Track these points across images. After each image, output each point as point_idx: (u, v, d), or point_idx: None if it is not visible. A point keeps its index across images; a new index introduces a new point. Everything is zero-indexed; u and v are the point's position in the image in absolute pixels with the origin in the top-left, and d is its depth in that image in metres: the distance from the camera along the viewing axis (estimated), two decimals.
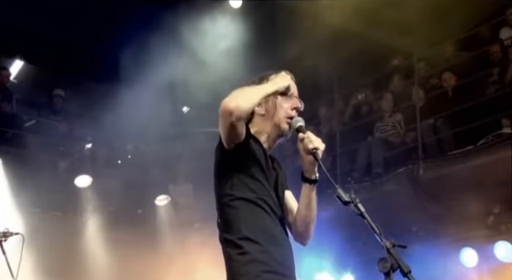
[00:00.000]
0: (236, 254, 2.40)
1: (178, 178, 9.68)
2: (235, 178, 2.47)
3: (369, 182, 7.61)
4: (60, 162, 9.14)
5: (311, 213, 2.56)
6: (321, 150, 2.45)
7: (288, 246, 2.51)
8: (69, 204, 8.40)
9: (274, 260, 2.39)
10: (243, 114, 2.35)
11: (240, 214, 2.44)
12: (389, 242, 2.15)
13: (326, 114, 9.15)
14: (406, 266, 2.10)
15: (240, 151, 2.44)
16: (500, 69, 7.11)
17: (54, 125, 9.33)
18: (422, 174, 6.92)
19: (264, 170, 2.50)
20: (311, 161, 2.48)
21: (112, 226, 8.27)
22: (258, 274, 2.34)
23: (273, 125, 2.56)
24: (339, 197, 2.28)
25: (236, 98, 2.35)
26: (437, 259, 6.80)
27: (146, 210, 8.94)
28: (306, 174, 2.53)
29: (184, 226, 8.80)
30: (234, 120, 2.32)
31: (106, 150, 9.47)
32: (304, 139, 2.47)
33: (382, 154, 7.68)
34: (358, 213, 2.25)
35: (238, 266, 2.38)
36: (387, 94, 8.25)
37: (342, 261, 7.84)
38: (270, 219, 2.46)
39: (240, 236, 2.41)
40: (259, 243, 2.39)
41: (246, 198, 2.44)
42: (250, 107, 2.39)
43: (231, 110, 2.31)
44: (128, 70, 7.79)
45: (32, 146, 8.83)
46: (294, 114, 2.56)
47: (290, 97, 2.58)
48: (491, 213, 6.74)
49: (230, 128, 2.36)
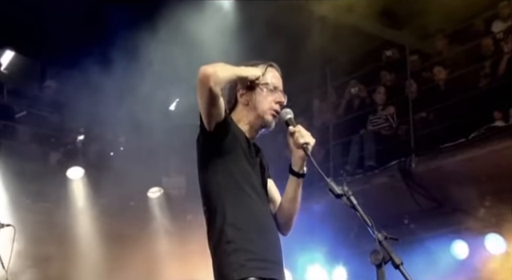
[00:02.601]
0: (221, 244, 2.39)
1: (170, 170, 9.67)
2: (219, 165, 2.46)
3: (361, 174, 7.63)
4: (52, 153, 9.11)
5: (296, 205, 2.56)
6: (311, 145, 2.45)
7: (274, 231, 2.51)
8: (60, 196, 8.36)
9: (260, 247, 2.39)
10: (220, 81, 2.34)
11: (225, 201, 2.43)
12: (381, 235, 2.16)
13: (319, 106, 9.15)
14: (397, 258, 2.11)
15: (222, 134, 2.44)
16: (492, 62, 7.13)
17: (45, 116, 9.28)
18: (414, 167, 6.94)
19: (247, 156, 2.49)
20: (301, 155, 2.47)
21: (104, 218, 8.26)
22: (242, 264, 2.34)
23: (256, 115, 2.56)
24: (331, 190, 2.28)
25: (214, 65, 2.37)
26: (428, 251, 6.84)
27: (139, 202, 8.93)
28: (294, 167, 2.52)
29: (176, 218, 8.80)
30: (212, 85, 2.32)
31: (99, 141, 9.44)
32: (295, 133, 2.46)
33: (374, 146, 7.70)
34: (351, 205, 2.26)
35: (223, 256, 2.38)
36: (380, 87, 8.25)
37: (334, 253, 7.87)
38: (256, 205, 2.46)
39: (225, 224, 2.40)
40: (244, 230, 2.39)
41: (231, 184, 2.44)
42: (225, 76, 2.38)
43: (209, 73, 2.32)
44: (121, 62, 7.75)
45: (23, 137, 8.79)
46: (277, 107, 2.55)
47: (275, 90, 2.58)
48: (482, 205, 6.78)
49: (209, 96, 2.34)
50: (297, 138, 2.45)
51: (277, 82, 2.60)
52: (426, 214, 7.14)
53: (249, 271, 2.33)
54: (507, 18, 7.29)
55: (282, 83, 2.63)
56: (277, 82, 2.60)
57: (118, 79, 7.80)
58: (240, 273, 2.33)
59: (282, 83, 2.63)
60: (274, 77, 2.61)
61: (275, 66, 2.65)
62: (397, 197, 7.14)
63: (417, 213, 7.22)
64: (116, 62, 7.78)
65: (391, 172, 7.23)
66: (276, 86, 2.59)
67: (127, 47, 7.63)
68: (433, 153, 6.93)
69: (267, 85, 2.57)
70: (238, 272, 2.33)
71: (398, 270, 2.10)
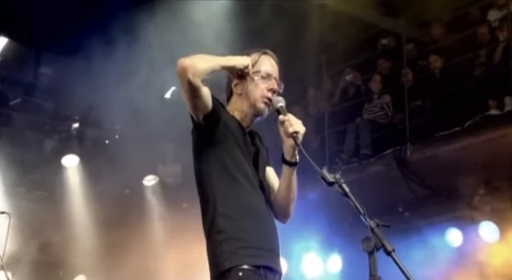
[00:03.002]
0: (213, 233, 2.41)
1: (166, 158, 9.67)
2: (211, 155, 2.47)
3: (357, 163, 7.65)
4: (46, 141, 9.09)
5: (291, 194, 2.56)
6: (301, 134, 2.45)
7: (269, 219, 2.51)
8: (55, 183, 8.35)
9: (252, 235, 2.40)
10: (199, 72, 2.33)
11: (216, 191, 2.44)
12: (373, 222, 2.17)
13: (315, 95, 9.14)
14: (389, 245, 2.13)
15: (212, 125, 2.44)
16: (487, 51, 7.13)
17: (40, 104, 9.24)
18: (409, 156, 6.96)
19: (240, 145, 2.49)
20: (291, 144, 2.47)
21: (99, 206, 8.26)
22: (234, 252, 2.35)
23: (249, 104, 2.56)
24: (323, 178, 2.29)
25: (193, 57, 2.36)
26: (423, 239, 6.88)
27: (134, 190, 8.93)
28: (286, 156, 2.52)
29: (172, 206, 8.81)
30: (191, 77, 2.31)
31: (94, 129, 9.41)
32: (284, 122, 2.46)
33: (370, 135, 7.70)
34: (343, 193, 2.26)
35: (215, 246, 2.39)
36: (376, 76, 8.25)
37: (328, 241, 7.91)
38: (249, 193, 2.46)
39: (217, 214, 2.42)
40: (236, 219, 2.40)
41: (224, 173, 2.45)
42: (205, 67, 2.36)
43: (186, 65, 2.32)
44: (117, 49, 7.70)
45: (18, 124, 8.76)
46: (270, 95, 2.54)
47: (269, 78, 2.57)
48: (476, 194, 6.81)
49: (190, 89, 2.34)
50: (286, 127, 2.44)
51: (270, 70, 2.58)
52: (421, 202, 7.17)
53: (241, 259, 2.34)
54: (503, 7, 7.28)
55: (277, 71, 2.62)
56: (270, 69, 2.59)
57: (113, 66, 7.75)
58: (232, 261, 2.34)
59: (277, 71, 2.62)
60: (268, 64, 2.59)
61: (270, 54, 2.64)
62: (392, 185, 7.16)
63: (412, 201, 7.25)
64: (112, 49, 7.73)
65: (386, 160, 7.24)
66: (269, 74, 2.57)
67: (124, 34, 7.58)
68: (428, 141, 6.94)
69: (259, 72, 2.56)
70: (230, 260, 2.34)
71: (390, 256, 2.12)
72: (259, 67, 2.57)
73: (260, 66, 2.58)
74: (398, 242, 2.18)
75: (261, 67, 2.57)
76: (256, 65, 2.57)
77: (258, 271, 2.36)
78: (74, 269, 8.53)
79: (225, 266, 2.34)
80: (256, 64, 2.57)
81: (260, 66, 2.58)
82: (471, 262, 6.66)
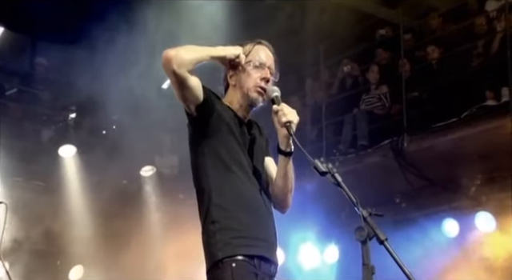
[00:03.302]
0: (207, 224, 2.42)
1: (163, 149, 9.66)
2: (206, 147, 2.47)
3: (354, 153, 7.65)
4: (43, 131, 9.06)
5: (288, 183, 2.56)
6: (294, 124, 2.44)
7: (265, 210, 2.51)
8: (52, 174, 8.34)
9: (246, 225, 2.40)
10: (184, 62, 2.33)
11: (211, 181, 2.45)
12: (365, 211, 2.18)
13: (312, 85, 9.13)
14: (382, 234, 2.13)
15: (205, 116, 2.44)
16: (485, 41, 7.12)
17: (36, 94, 9.21)
18: (406, 146, 6.96)
19: (235, 135, 2.49)
20: (285, 134, 2.46)
21: (96, 196, 8.26)
22: (227, 242, 2.36)
23: (242, 94, 2.56)
24: (316, 168, 2.29)
25: (178, 48, 2.36)
26: (419, 229, 6.90)
27: (131, 181, 8.93)
28: (280, 146, 2.52)
29: (169, 197, 8.81)
30: (176, 67, 2.31)
31: (91, 120, 9.39)
32: (278, 112, 2.45)
33: (367, 126, 7.70)
34: (335, 183, 2.27)
35: (209, 236, 2.41)
36: (373, 66, 8.23)
37: (325, 232, 7.93)
38: (244, 183, 2.46)
39: (211, 204, 2.43)
40: (230, 210, 2.41)
41: (218, 164, 2.45)
42: (190, 58, 2.36)
43: (170, 56, 2.32)
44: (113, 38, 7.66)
45: (14, 114, 8.73)
46: (262, 84, 2.54)
47: (262, 67, 2.56)
48: (473, 184, 6.83)
49: (176, 80, 2.35)
50: (280, 117, 2.44)
51: (264, 59, 2.58)
52: (418, 193, 7.19)
53: (234, 249, 2.35)
54: None
55: (272, 60, 2.61)
56: (264, 58, 2.58)
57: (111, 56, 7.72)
58: (225, 251, 2.35)
59: (272, 60, 2.61)
60: (262, 54, 2.59)
61: (264, 43, 2.63)
62: (389, 176, 7.17)
63: (408, 192, 7.26)
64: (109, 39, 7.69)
65: (384, 151, 7.25)
66: (262, 63, 2.57)
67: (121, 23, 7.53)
68: (425, 132, 6.95)
69: (251, 62, 2.56)
70: (224, 250, 2.35)
71: (383, 245, 2.12)
72: (252, 57, 2.57)
73: (253, 55, 2.58)
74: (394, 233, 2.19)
75: (254, 57, 2.57)
76: (249, 55, 2.57)
77: (252, 261, 2.37)
78: (71, 258, 8.55)
79: (218, 255, 2.35)
80: (249, 54, 2.57)
81: (253, 56, 2.57)
82: (468, 253, 6.68)
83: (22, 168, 7.90)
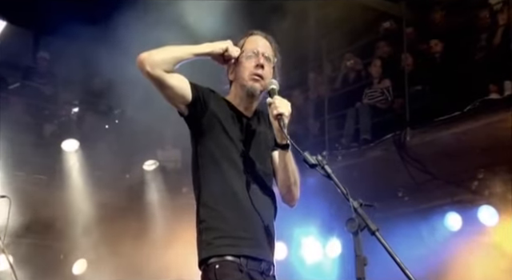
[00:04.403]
0: (197, 223, 2.46)
1: (165, 143, 9.67)
2: (199, 145, 2.48)
3: (356, 148, 7.64)
4: (46, 125, 9.08)
5: (289, 176, 2.53)
6: (286, 116, 2.41)
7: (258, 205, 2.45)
8: (55, 168, 8.37)
9: (230, 224, 2.39)
10: (157, 62, 2.33)
11: (202, 181, 2.46)
12: (356, 202, 2.19)
13: (315, 80, 9.11)
14: (373, 225, 2.14)
15: (197, 115, 2.44)
16: (488, 34, 7.09)
17: (39, 88, 9.22)
18: (408, 140, 6.95)
19: (227, 131, 2.47)
20: (277, 126, 2.44)
21: (99, 191, 8.28)
22: (209, 242, 2.37)
23: (240, 86, 2.55)
24: (305, 160, 2.28)
25: (152, 50, 2.38)
26: (422, 223, 6.90)
27: (134, 175, 8.94)
28: (276, 138, 2.50)
29: (172, 191, 8.83)
30: (149, 68, 2.33)
31: (94, 114, 9.40)
32: (271, 104, 2.44)
33: (369, 120, 7.69)
34: (325, 175, 2.27)
35: (197, 236, 2.44)
36: (376, 60, 8.21)
37: (328, 226, 7.93)
38: (235, 179, 2.44)
39: (200, 204, 2.45)
40: (215, 209, 2.41)
41: (210, 163, 2.45)
42: (163, 58, 2.36)
43: (142, 58, 2.35)
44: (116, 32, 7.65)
45: (17, 108, 8.74)
46: (258, 71, 2.52)
47: (255, 55, 2.54)
48: (476, 178, 6.82)
49: (153, 80, 2.36)
50: (271, 109, 2.43)
51: (256, 47, 2.55)
52: (420, 187, 7.18)
53: (216, 249, 2.36)
54: None
55: (267, 46, 2.58)
56: (256, 46, 2.56)
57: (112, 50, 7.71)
58: (208, 251, 2.36)
59: (267, 46, 2.58)
60: (253, 43, 2.57)
61: (257, 33, 2.62)
62: (391, 170, 7.16)
63: (411, 185, 7.26)
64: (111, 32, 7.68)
65: (386, 145, 7.24)
66: (254, 51, 2.55)
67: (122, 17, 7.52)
68: (428, 126, 6.93)
69: (244, 52, 2.55)
70: (207, 250, 2.37)
71: (374, 236, 2.12)
72: (245, 48, 2.57)
73: (245, 46, 2.57)
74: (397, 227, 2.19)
75: (246, 47, 2.57)
76: (243, 48, 2.57)
77: (238, 260, 2.35)
78: (75, 253, 8.58)
79: (202, 255, 2.38)
80: (243, 47, 2.57)
81: (245, 47, 2.57)
82: (470, 247, 6.68)
83: (24, 162, 7.92)
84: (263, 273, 2.41)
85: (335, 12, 8.07)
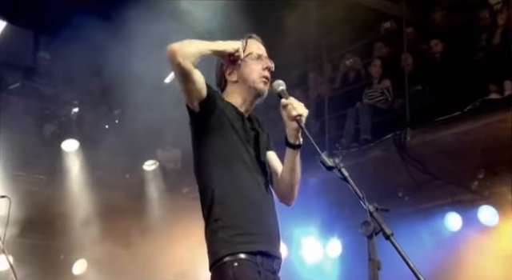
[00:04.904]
0: (210, 222, 2.43)
1: (165, 143, 9.66)
2: (208, 143, 2.48)
3: (356, 148, 7.64)
4: (46, 125, 9.08)
5: (295, 176, 2.57)
6: (304, 116, 2.45)
7: (267, 204, 2.52)
8: (55, 168, 8.37)
9: (246, 221, 2.41)
10: (188, 54, 2.34)
11: (213, 179, 2.46)
12: (372, 206, 2.18)
13: (315, 80, 9.11)
14: (388, 229, 2.14)
15: (208, 112, 2.46)
16: (488, 34, 7.09)
17: (39, 88, 9.22)
18: (409, 140, 6.95)
19: (237, 131, 2.50)
20: (295, 127, 2.47)
21: (99, 191, 8.28)
22: (227, 240, 2.37)
23: (248, 88, 2.58)
24: (323, 162, 2.29)
25: (182, 42, 2.37)
26: (422, 223, 6.90)
27: (134, 175, 8.94)
28: (289, 139, 2.52)
29: (172, 191, 8.83)
30: (181, 60, 2.33)
31: (93, 114, 9.40)
32: (287, 105, 2.46)
33: (370, 120, 7.69)
34: (342, 177, 2.27)
35: (212, 234, 2.42)
36: (376, 60, 8.21)
37: (328, 226, 7.94)
38: (246, 179, 2.47)
39: (213, 202, 2.43)
40: (231, 207, 2.41)
41: (220, 161, 2.46)
42: (194, 51, 2.37)
43: (175, 49, 2.33)
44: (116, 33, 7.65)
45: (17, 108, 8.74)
46: (267, 73, 2.58)
47: (261, 58, 2.60)
48: (476, 178, 6.82)
49: (181, 72, 2.36)
50: (290, 111, 2.44)
51: (260, 51, 2.62)
52: (420, 187, 7.19)
53: (235, 246, 2.36)
54: None
55: (265, 52, 2.65)
56: (260, 50, 2.62)
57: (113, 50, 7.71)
58: (227, 249, 2.36)
59: (265, 52, 2.65)
60: (257, 46, 2.63)
61: (256, 37, 2.67)
62: (392, 170, 7.17)
63: (411, 185, 7.26)
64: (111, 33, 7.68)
65: (386, 145, 7.24)
66: (260, 54, 2.60)
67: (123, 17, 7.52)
68: (428, 126, 6.93)
69: (251, 54, 2.59)
70: (225, 248, 2.36)
71: (389, 240, 2.12)
72: (250, 50, 2.60)
73: (250, 48, 2.61)
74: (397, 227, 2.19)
75: (251, 49, 2.61)
76: (246, 49, 2.60)
77: (254, 258, 2.37)
78: (75, 253, 8.58)
79: (219, 254, 2.37)
80: (246, 48, 2.60)
81: (250, 49, 2.61)
82: (470, 247, 6.68)
83: (24, 162, 7.92)
84: (274, 273, 2.46)
85: (335, 12, 8.07)
